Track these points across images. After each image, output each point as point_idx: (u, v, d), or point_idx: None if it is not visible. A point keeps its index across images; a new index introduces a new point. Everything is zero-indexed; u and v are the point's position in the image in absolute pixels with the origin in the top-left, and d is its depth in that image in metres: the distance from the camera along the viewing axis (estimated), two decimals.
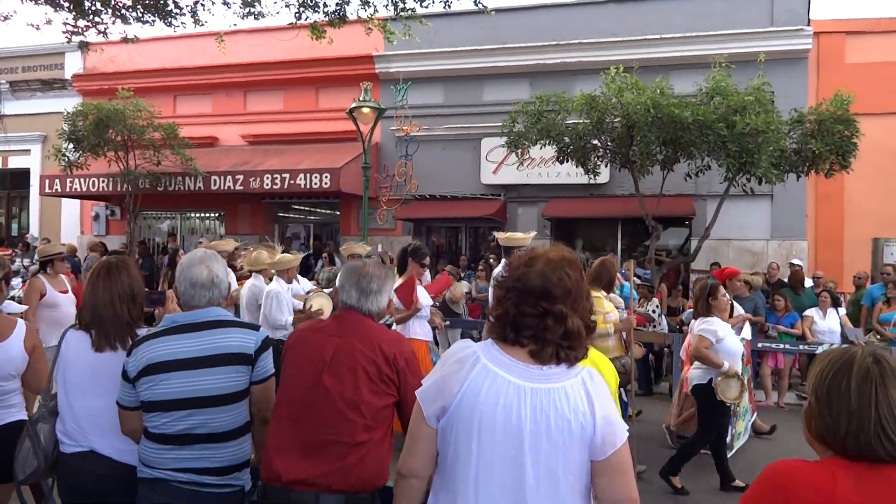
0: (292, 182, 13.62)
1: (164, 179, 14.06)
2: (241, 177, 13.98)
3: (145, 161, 13.72)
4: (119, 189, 14.27)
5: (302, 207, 16.55)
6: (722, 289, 5.78)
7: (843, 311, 9.59)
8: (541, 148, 10.95)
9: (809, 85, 12.86)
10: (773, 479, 1.50)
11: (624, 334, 5.90)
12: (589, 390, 1.82)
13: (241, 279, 8.61)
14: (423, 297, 6.15)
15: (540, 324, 1.84)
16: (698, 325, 5.61)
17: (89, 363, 2.74)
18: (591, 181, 11.68)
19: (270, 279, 6.53)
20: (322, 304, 6.16)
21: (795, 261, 11.51)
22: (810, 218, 13.23)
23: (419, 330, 6.08)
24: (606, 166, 11.78)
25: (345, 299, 2.56)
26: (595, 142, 10.47)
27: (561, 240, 13.41)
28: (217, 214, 16.81)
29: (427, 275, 11.49)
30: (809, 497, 1.42)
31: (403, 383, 2.45)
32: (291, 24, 8.65)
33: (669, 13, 13.29)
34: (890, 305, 8.96)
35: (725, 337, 5.55)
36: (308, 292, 6.95)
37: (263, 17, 8.52)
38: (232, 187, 14.06)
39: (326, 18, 8.35)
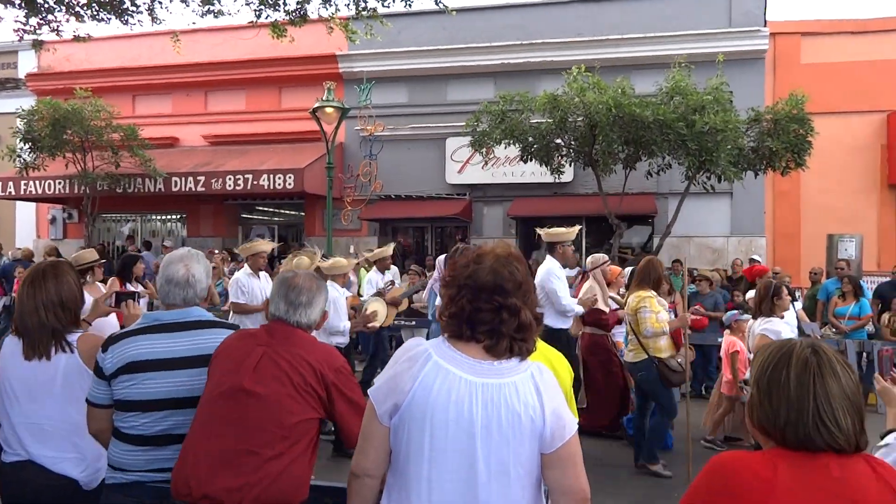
0: (255, 183, 13.47)
1: (123, 181, 13.80)
2: (202, 178, 13.78)
3: (104, 162, 13.44)
4: (77, 191, 13.98)
5: (266, 208, 16.39)
6: (785, 289, 5.75)
7: (799, 305, 9.80)
8: (505, 147, 11.02)
9: (766, 84, 13.16)
10: (716, 469, 1.53)
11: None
12: (538, 385, 1.84)
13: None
14: None
15: (496, 318, 1.86)
16: (760, 325, 5.55)
17: (20, 371, 2.69)
18: (556, 180, 11.78)
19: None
20: (377, 308, 6.24)
21: (755, 257, 11.78)
22: (768, 215, 13.54)
23: None
24: (570, 165, 11.89)
25: (273, 311, 2.51)
26: (558, 141, 10.56)
27: (526, 238, 13.52)
28: (179, 216, 16.56)
29: (396, 272, 11.51)
30: (751, 486, 1.45)
31: (335, 396, 2.38)
32: (252, 22, 8.53)
33: (631, 14, 13.48)
34: (845, 299, 9.19)
35: None
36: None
37: (223, 15, 8.40)
38: (193, 188, 13.86)
39: (287, 17, 8.26)
